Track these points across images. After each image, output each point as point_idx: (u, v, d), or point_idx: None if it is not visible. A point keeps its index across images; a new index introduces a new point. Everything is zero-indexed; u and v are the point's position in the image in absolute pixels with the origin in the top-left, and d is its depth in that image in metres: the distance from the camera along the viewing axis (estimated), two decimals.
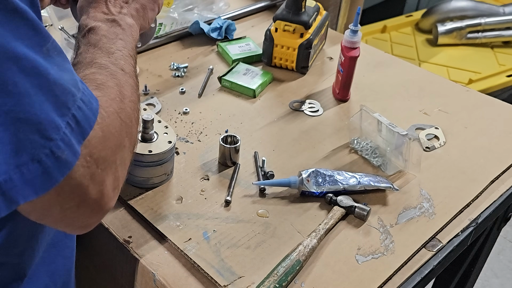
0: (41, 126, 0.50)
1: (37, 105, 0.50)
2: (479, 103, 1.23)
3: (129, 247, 0.84)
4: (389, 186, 0.95)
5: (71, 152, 0.53)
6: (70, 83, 0.54)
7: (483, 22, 2.59)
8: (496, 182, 1.02)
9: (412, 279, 0.83)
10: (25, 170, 0.50)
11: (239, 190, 0.95)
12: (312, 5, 1.30)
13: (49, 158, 0.51)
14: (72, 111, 0.53)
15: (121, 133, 0.62)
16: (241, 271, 0.81)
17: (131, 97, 0.68)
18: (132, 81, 0.71)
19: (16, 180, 0.50)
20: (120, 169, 0.62)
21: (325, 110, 1.17)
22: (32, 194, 0.51)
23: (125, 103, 0.65)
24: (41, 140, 0.50)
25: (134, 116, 0.67)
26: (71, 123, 0.53)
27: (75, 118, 0.54)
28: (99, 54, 0.70)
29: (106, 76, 0.66)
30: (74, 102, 0.54)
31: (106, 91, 0.64)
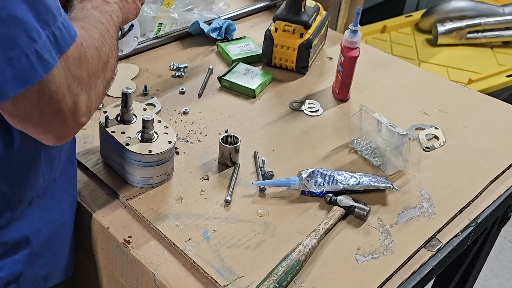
0: (27, 27, 0.58)
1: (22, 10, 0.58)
2: (478, 103, 1.23)
3: (129, 247, 0.84)
4: (389, 186, 0.95)
5: (50, 56, 0.62)
6: (54, 7, 0.63)
7: (482, 22, 2.59)
8: (495, 182, 1.02)
9: (411, 279, 0.83)
10: (16, 63, 0.58)
11: (239, 190, 0.95)
12: (312, 5, 1.30)
13: (34, 56, 0.60)
14: (52, 28, 0.62)
15: (98, 65, 0.71)
16: (241, 271, 0.81)
17: (111, 45, 0.77)
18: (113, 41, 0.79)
19: (7, 74, 0.58)
20: (93, 94, 0.70)
21: (325, 110, 1.17)
22: (19, 87, 0.60)
23: (105, 46, 0.75)
24: (27, 39, 0.59)
25: (111, 62, 0.77)
26: (50, 37, 0.62)
27: (54, 34, 0.62)
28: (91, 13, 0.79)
29: (91, 26, 0.76)
30: (55, 22, 0.62)
31: (89, 32, 0.73)
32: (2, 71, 0.58)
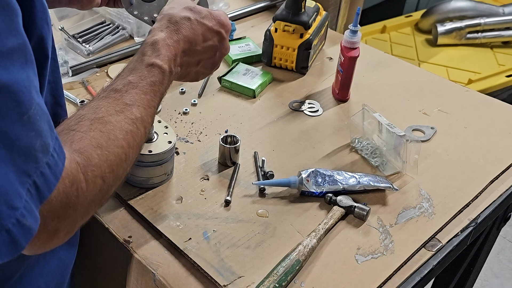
0: (7, 197, 0.51)
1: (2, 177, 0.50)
2: (478, 103, 1.23)
3: (129, 247, 0.84)
4: (389, 186, 0.95)
5: (33, 218, 0.53)
6: (38, 149, 0.54)
7: (482, 22, 2.59)
8: (495, 182, 1.02)
9: (411, 279, 0.83)
10: None
11: (239, 190, 0.95)
12: (312, 5, 1.30)
13: (15, 227, 0.51)
14: (33, 178, 0.53)
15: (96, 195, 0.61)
16: (241, 270, 0.81)
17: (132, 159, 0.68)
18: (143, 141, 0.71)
19: None
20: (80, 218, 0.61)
21: (325, 110, 1.17)
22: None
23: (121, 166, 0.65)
24: (8, 210, 0.51)
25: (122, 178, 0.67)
26: (31, 190, 0.53)
27: (35, 184, 0.54)
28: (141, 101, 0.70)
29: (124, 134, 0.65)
30: (37, 168, 0.54)
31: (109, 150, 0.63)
32: None
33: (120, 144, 0.64)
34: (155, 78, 0.73)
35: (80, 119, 0.65)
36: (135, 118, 0.67)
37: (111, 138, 0.64)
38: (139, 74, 0.72)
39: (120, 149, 0.64)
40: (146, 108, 0.70)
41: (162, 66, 0.74)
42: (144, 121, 0.69)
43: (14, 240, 0.52)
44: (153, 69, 0.73)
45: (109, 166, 0.62)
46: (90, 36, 1.33)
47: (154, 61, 0.74)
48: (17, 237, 0.52)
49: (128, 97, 0.69)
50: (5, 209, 0.51)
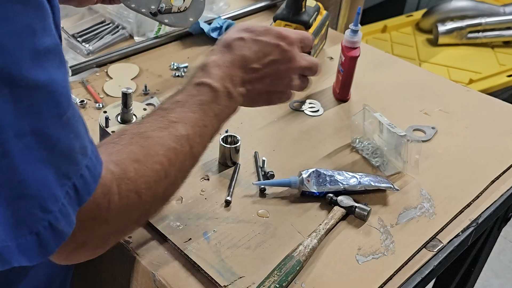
0: (42, 201, 0.50)
1: (40, 180, 0.50)
2: (479, 103, 1.23)
3: (129, 247, 0.84)
4: (390, 186, 0.95)
5: (67, 222, 0.53)
6: (78, 151, 0.53)
7: (483, 22, 2.58)
8: (496, 182, 1.01)
9: (412, 279, 0.83)
10: (23, 241, 0.50)
11: (239, 190, 0.95)
12: (312, 4, 1.30)
13: (47, 230, 0.51)
14: (73, 180, 0.53)
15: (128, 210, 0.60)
16: (242, 271, 0.80)
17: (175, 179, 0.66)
18: (191, 163, 0.69)
19: (13, 248, 0.51)
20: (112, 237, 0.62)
21: (326, 110, 1.17)
22: (26, 262, 0.52)
23: (159, 184, 0.63)
24: (40, 214, 0.50)
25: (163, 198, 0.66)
26: (70, 193, 0.53)
27: (75, 187, 0.53)
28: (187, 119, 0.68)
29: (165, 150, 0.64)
30: (78, 170, 0.53)
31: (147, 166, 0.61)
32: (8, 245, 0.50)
33: (160, 160, 0.63)
34: (205, 97, 0.71)
35: (123, 133, 0.64)
36: (180, 136, 0.66)
37: (151, 153, 0.62)
38: (187, 93, 0.71)
39: (159, 165, 0.62)
40: (193, 127, 0.68)
41: (211, 84, 0.72)
42: (190, 140, 0.67)
43: (44, 243, 0.51)
44: (202, 88, 0.72)
45: (146, 182, 0.61)
46: (90, 36, 1.33)
47: (203, 80, 0.72)
48: (47, 241, 0.52)
49: (174, 115, 0.67)
50: (38, 212, 0.50)
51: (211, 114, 0.71)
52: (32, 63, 0.49)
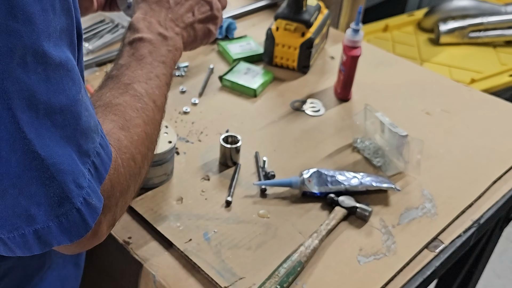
0: (75, 176, 0.51)
1: (68, 157, 0.51)
2: (481, 103, 1.22)
3: (129, 248, 0.83)
4: (391, 187, 0.94)
5: (97, 197, 0.54)
6: (93, 129, 0.55)
7: (485, 21, 2.58)
8: (498, 182, 1.01)
9: (414, 280, 0.83)
10: (64, 219, 0.51)
11: (240, 190, 0.94)
12: (314, 3, 1.29)
13: (84, 206, 0.52)
14: (91, 158, 0.54)
15: (130, 179, 0.61)
16: (242, 272, 0.80)
17: (152, 135, 0.67)
18: (159, 116, 0.70)
19: (54, 228, 0.51)
20: (120, 211, 0.62)
21: (327, 110, 1.16)
22: (66, 241, 0.53)
23: (144, 145, 0.65)
24: (76, 189, 0.51)
25: (148, 157, 0.67)
26: (91, 170, 0.54)
27: (94, 164, 0.54)
28: (139, 77, 0.69)
29: (136, 112, 0.65)
30: (94, 148, 0.54)
31: (131, 131, 0.63)
32: (48, 226, 0.51)
33: (137, 123, 0.64)
34: (143, 51, 0.72)
35: None
36: (140, 95, 0.67)
37: (127, 118, 0.64)
38: (126, 55, 0.72)
39: (139, 128, 0.64)
40: (147, 82, 0.69)
41: (142, 37, 0.74)
42: (150, 95, 0.68)
43: (83, 219, 0.53)
44: (136, 44, 0.73)
45: (135, 146, 0.63)
46: (89, 35, 1.33)
47: (133, 37, 0.74)
48: (86, 216, 0.53)
49: (125, 78, 0.68)
50: (74, 187, 0.51)
51: (156, 63, 0.72)
52: (55, 41, 0.49)
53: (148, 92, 0.69)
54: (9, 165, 0.47)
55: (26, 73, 0.47)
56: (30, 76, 0.47)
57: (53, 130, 0.50)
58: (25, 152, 0.48)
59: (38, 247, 0.52)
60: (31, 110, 0.48)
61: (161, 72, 0.73)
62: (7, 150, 0.47)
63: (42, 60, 0.48)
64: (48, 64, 0.48)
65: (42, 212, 0.50)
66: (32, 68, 0.47)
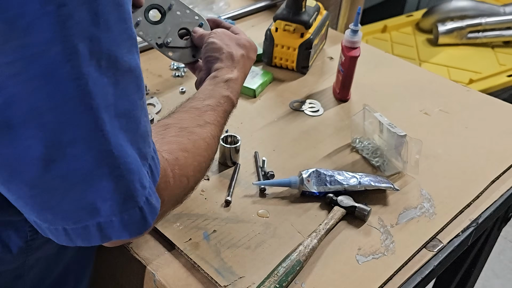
0: (139, 176, 0.55)
1: (132, 157, 0.55)
2: (479, 103, 1.23)
3: (129, 247, 0.84)
4: (390, 186, 0.95)
5: (155, 198, 0.59)
6: (149, 134, 0.59)
7: (483, 22, 2.58)
8: (496, 182, 1.01)
9: (412, 279, 0.83)
10: (126, 216, 0.55)
11: (239, 190, 0.95)
12: (313, 4, 1.30)
13: (146, 205, 0.57)
14: (148, 161, 0.58)
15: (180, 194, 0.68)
16: (241, 271, 0.80)
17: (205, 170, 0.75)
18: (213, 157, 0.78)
19: (116, 223, 0.55)
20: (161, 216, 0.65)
21: (326, 110, 1.17)
22: (126, 236, 0.57)
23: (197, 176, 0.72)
24: (140, 189, 0.56)
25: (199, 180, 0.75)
26: (149, 172, 0.58)
27: (150, 167, 0.58)
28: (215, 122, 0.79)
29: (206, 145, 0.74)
30: (150, 152, 0.59)
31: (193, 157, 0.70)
32: (111, 220, 0.55)
33: (202, 153, 0.72)
34: (227, 108, 0.83)
35: (167, 126, 0.72)
36: (213, 135, 0.76)
37: (196, 146, 0.71)
38: (216, 101, 0.81)
39: (202, 157, 0.72)
40: (220, 130, 0.80)
41: (233, 100, 0.85)
42: (216, 140, 0.78)
43: (144, 217, 0.57)
44: (228, 100, 0.84)
45: (193, 169, 0.69)
46: None
47: (229, 94, 0.84)
48: (146, 214, 0.57)
49: (208, 117, 0.77)
50: (139, 187, 0.55)
51: (226, 122, 0.84)
52: (127, 48, 0.53)
53: (218, 137, 0.79)
54: (85, 161, 0.51)
55: (99, 74, 0.50)
56: (102, 77, 0.50)
57: (121, 131, 0.53)
58: (101, 151, 0.51)
59: (98, 239, 0.56)
60: (108, 111, 0.51)
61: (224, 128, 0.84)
62: (83, 148, 0.50)
63: (114, 64, 0.51)
64: (118, 69, 0.52)
65: (107, 207, 0.53)
66: (104, 71, 0.50)
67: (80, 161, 0.51)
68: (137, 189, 0.55)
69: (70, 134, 0.50)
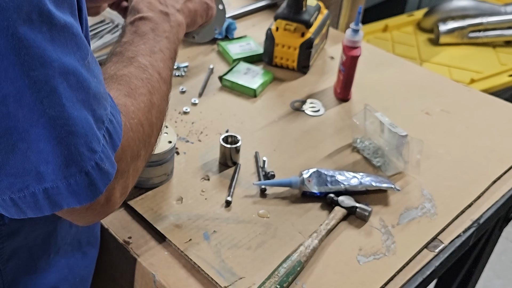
0: (87, 139, 0.52)
1: (83, 119, 0.52)
2: (480, 103, 1.22)
3: (129, 248, 0.83)
4: (391, 187, 0.94)
5: (110, 163, 0.55)
6: (103, 96, 0.56)
7: (484, 22, 2.58)
8: (498, 182, 1.01)
9: (413, 279, 0.83)
10: (72, 181, 0.52)
11: (239, 190, 0.94)
12: (313, 4, 1.29)
13: (95, 170, 0.53)
14: (105, 125, 0.55)
15: (140, 144, 0.62)
16: (242, 272, 0.80)
17: (159, 105, 0.68)
18: (165, 87, 0.71)
19: (63, 189, 0.52)
20: (131, 178, 0.63)
21: (326, 110, 1.16)
22: (75, 203, 0.54)
23: (151, 113, 0.65)
24: (87, 153, 0.52)
25: (157, 126, 0.68)
26: (106, 136, 0.55)
27: (108, 131, 0.55)
28: (142, 51, 0.70)
29: (141, 81, 0.66)
30: (107, 115, 0.55)
31: (137, 98, 0.64)
32: (57, 186, 0.52)
33: (142, 91, 0.65)
34: (145, 27, 0.73)
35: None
36: (144, 66, 0.68)
37: (132, 87, 0.65)
38: (129, 33, 0.73)
39: (144, 96, 0.65)
40: (151, 55, 0.70)
41: (143, 16, 0.75)
42: (155, 66, 0.69)
43: (93, 183, 0.53)
44: (138, 22, 0.74)
45: (143, 113, 0.63)
46: (89, 35, 1.33)
47: (134, 17, 0.75)
48: (96, 181, 0.53)
49: (129, 52, 0.69)
50: (85, 151, 0.52)
51: (159, 39, 0.73)
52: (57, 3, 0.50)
53: (153, 64, 0.69)
54: (17, 120, 0.48)
55: (32, 30, 0.47)
56: (36, 33, 0.48)
57: (69, 91, 0.50)
58: (34, 109, 0.49)
59: (48, 208, 0.53)
60: (47, 68, 0.48)
61: (165, 46, 0.73)
62: (16, 106, 0.48)
63: (47, 19, 0.49)
64: (53, 24, 0.49)
65: (50, 170, 0.51)
66: (37, 26, 0.48)
67: (14, 120, 0.48)
68: (82, 153, 0.51)
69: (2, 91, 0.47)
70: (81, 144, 0.51)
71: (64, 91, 0.50)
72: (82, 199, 0.54)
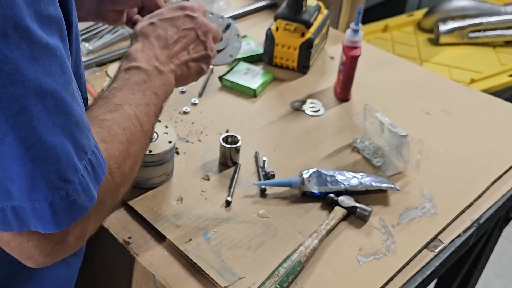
0: (60, 167, 0.49)
1: (58, 144, 0.49)
2: (480, 103, 1.22)
3: (129, 248, 0.83)
4: (391, 187, 0.94)
5: (87, 197, 0.52)
6: (86, 126, 0.54)
7: (484, 22, 2.58)
8: (498, 182, 1.01)
9: (413, 280, 0.83)
10: (37, 206, 0.49)
11: (239, 190, 0.94)
12: (313, 4, 1.29)
13: (63, 201, 0.50)
14: (88, 156, 0.53)
15: (106, 192, 0.59)
16: (242, 272, 0.80)
17: (135, 157, 0.66)
18: (145, 141, 0.70)
19: (28, 211, 0.50)
20: (92, 224, 0.59)
21: (326, 110, 1.16)
22: (41, 229, 0.51)
23: (125, 163, 0.63)
24: (57, 181, 0.49)
25: (129, 177, 0.65)
26: (88, 168, 0.52)
27: (91, 162, 0.53)
28: (130, 100, 0.69)
29: (122, 129, 0.64)
30: (90, 146, 0.53)
31: (113, 145, 0.61)
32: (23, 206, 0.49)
33: (121, 139, 0.63)
34: (137, 78, 0.72)
35: None
36: (129, 115, 0.66)
37: (112, 133, 0.62)
38: (120, 80, 0.72)
39: (122, 144, 0.63)
40: (137, 106, 0.69)
41: (139, 66, 0.74)
42: (139, 118, 0.68)
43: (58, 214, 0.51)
44: (132, 71, 0.73)
45: (115, 161, 0.61)
46: (89, 35, 1.33)
47: (130, 65, 0.74)
48: (62, 212, 0.51)
49: (116, 99, 0.68)
50: (55, 179, 0.49)
51: (149, 93, 0.72)
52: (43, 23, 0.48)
53: (138, 115, 0.68)
54: None
55: (7, 46, 0.46)
56: (12, 49, 0.46)
57: (45, 113, 0.48)
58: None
59: (16, 225, 0.51)
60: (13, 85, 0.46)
61: (152, 102, 0.72)
62: None
63: (25, 35, 0.47)
64: (33, 41, 0.47)
65: (16, 190, 0.49)
66: (14, 42, 0.46)
67: None
68: (50, 180, 0.48)
69: None
70: (51, 171, 0.49)
71: (38, 112, 0.48)
72: (46, 228, 0.51)
